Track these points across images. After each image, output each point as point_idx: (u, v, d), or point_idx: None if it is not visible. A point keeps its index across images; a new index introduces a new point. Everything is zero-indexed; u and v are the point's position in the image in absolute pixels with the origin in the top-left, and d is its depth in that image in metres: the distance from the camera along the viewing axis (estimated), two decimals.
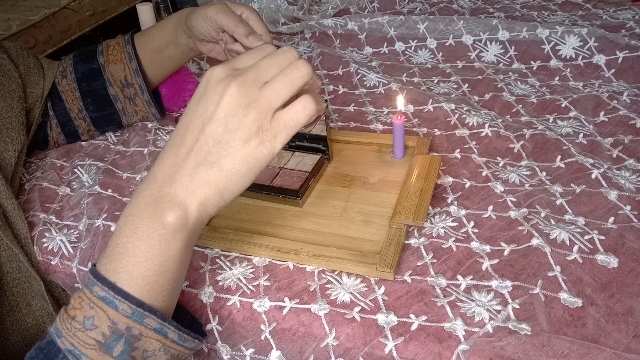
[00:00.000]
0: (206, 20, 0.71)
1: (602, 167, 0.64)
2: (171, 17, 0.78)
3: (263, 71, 0.43)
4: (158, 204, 0.42)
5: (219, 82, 0.43)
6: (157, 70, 0.82)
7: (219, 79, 0.43)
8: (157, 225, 0.42)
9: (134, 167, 0.77)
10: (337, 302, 0.52)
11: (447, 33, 0.98)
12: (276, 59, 0.44)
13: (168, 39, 0.78)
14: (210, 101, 0.43)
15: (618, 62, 0.84)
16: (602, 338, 0.46)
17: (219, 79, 0.43)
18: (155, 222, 0.42)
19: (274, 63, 0.44)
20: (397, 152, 0.71)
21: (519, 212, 0.59)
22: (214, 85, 0.43)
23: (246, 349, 0.52)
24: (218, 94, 0.42)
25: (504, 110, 0.80)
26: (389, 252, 0.55)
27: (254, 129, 0.42)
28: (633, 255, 0.53)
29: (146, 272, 0.42)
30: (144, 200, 0.43)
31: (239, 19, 0.69)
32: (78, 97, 0.80)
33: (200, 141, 0.43)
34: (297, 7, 1.19)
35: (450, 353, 0.46)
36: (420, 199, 0.60)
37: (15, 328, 0.60)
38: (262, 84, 0.43)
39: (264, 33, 0.70)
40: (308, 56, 1.03)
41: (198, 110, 0.43)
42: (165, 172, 0.43)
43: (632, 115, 0.73)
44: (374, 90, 0.89)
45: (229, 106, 0.42)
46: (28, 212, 0.71)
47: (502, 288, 0.51)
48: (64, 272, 0.64)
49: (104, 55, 0.79)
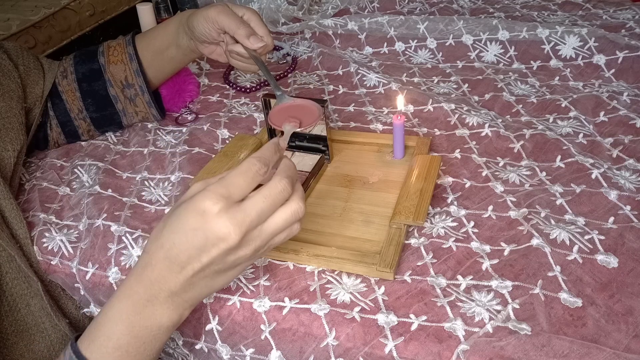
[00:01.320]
0: (207, 21, 0.71)
1: (602, 167, 0.64)
2: (173, 19, 0.79)
3: (263, 215, 0.44)
4: (153, 305, 0.46)
5: (217, 221, 0.42)
6: (158, 71, 0.82)
7: (215, 214, 0.42)
8: (154, 327, 0.46)
9: (134, 167, 0.77)
10: (337, 302, 0.52)
11: (447, 33, 0.98)
12: (273, 199, 0.44)
13: (169, 41, 0.78)
14: (210, 241, 0.43)
15: (618, 62, 0.84)
16: (602, 338, 0.45)
17: (216, 214, 0.42)
18: (154, 324, 0.46)
19: (272, 205, 0.44)
20: (397, 152, 0.71)
21: (519, 212, 0.59)
22: (212, 222, 0.42)
23: (246, 349, 0.52)
24: (218, 240, 0.43)
25: (504, 110, 0.80)
26: (389, 252, 0.55)
27: (255, 256, 0.46)
28: (633, 255, 0.53)
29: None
30: (140, 301, 0.45)
31: (240, 21, 0.70)
32: (78, 98, 0.80)
33: (206, 264, 0.44)
34: (297, 7, 1.19)
35: (450, 353, 0.46)
36: (420, 199, 0.60)
37: (14, 328, 0.60)
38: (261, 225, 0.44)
39: (265, 35, 0.70)
40: (308, 56, 1.03)
41: (196, 241, 0.43)
42: (162, 281, 0.45)
43: (632, 115, 0.73)
44: (374, 90, 0.89)
45: (231, 251, 0.44)
46: (28, 212, 0.71)
47: (502, 288, 0.51)
48: (63, 272, 0.64)
49: (104, 55, 0.79)
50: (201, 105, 0.92)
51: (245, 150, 0.73)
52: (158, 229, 0.45)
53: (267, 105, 0.70)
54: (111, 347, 0.45)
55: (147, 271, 0.45)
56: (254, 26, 0.71)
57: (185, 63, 0.85)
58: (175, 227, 0.43)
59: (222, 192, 0.42)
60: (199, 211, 0.42)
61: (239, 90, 0.95)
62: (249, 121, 0.85)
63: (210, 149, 0.79)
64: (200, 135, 0.82)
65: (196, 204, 0.42)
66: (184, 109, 0.89)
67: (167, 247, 0.44)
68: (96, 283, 0.62)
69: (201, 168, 0.71)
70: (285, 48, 1.05)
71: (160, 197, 0.71)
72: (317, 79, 0.95)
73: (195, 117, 0.88)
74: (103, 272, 0.62)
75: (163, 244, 0.44)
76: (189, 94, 0.91)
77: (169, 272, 0.44)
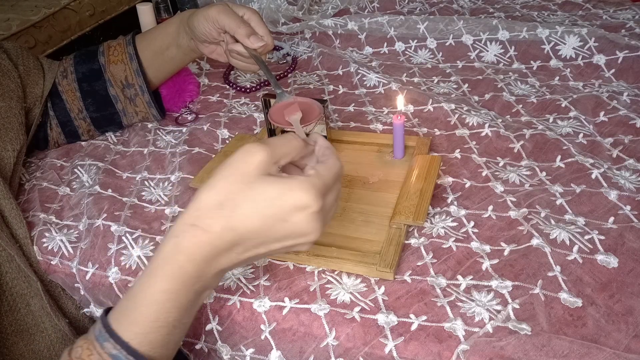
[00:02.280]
0: (208, 20, 0.71)
1: (602, 167, 0.64)
2: (173, 19, 0.79)
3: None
4: (202, 281, 0.43)
5: (310, 222, 0.41)
6: (159, 71, 0.82)
7: (313, 212, 0.41)
8: (196, 301, 0.44)
9: (134, 167, 0.77)
10: (337, 302, 0.52)
11: (447, 33, 0.98)
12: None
13: (170, 41, 0.78)
14: (292, 236, 0.42)
15: (618, 62, 0.84)
16: (602, 338, 0.45)
17: (313, 213, 0.41)
18: (197, 299, 0.44)
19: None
20: (397, 152, 0.71)
21: (519, 212, 0.59)
22: (305, 221, 0.41)
23: (246, 349, 0.52)
24: (300, 236, 0.42)
25: (504, 110, 0.80)
26: (389, 252, 0.55)
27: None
28: (633, 255, 0.52)
29: (173, 337, 0.44)
30: (190, 280, 0.42)
31: (240, 20, 0.70)
32: (78, 97, 0.80)
33: (262, 250, 0.43)
34: (297, 7, 1.19)
35: (450, 353, 0.46)
36: (420, 199, 0.60)
37: (14, 328, 0.60)
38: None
39: (265, 34, 0.70)
40: (308, 56, 1.03)
41: (280, 230, 0.42)
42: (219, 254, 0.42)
43: (632, 115, 0.73)
44: (374, 90, 0.89)
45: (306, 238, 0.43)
46: (28, 212, 0.71)
47: (502, 288, 0.51)
48: (64, 272, 0.64)
49: (105, 55, 0.79)
50: (201, 105, 0.92)
51: None
52: (221, 202, 0.41)
53: (267, 105, 0.70)
54: (159, 325, 0.42)
55: (204, 251, 0.41)
56: (254, 26, 0.71)
57: (186, 63, 0.85)
58: (260, 213, 0.40)
59: (322, 190, 0.41)
60: (300, 206, 0.40)
61: (239, 90, 0.95)
62: (249, 121, 0.85)
63: (210, 149, 0.79)
64: (200, 135, 0.82)
65: (300, 198, 0.40)
66: (184, 109, 0.89)
67: (241, 231, 0.41)
68: (96, 283, 0.62)
69: (201, 168, 0.71)
70: (285, 48, 1.05)
71: (160, 197, 0.71)
72: (317, 79, 0.95)
73: (195, 117, 0.88)
74: (103, 272, 0.62)
75: (235, 227, 0.41)
76: (188, 93, 0.91)
77: (229, 252, 0.42)
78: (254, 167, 0.41)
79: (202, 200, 0.41)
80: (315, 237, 0.42)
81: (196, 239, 0.41)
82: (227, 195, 0.41)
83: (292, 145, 0.44)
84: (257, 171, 0.41)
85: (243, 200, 0.40)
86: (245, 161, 0.41)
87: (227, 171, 0.41)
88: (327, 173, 0.43)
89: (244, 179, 0.41)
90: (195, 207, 0.41)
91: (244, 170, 0.41)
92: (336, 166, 0.44)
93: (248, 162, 0.41)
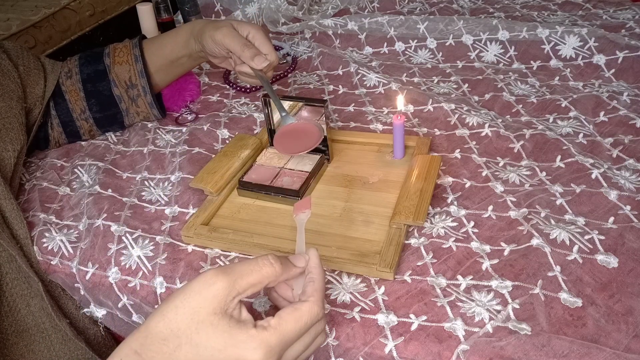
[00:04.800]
0: (215, 43, 0.73)
1: (602, 167, 0.64)
2: (183, 28, 0.80)
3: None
4: None
5: None
6: (167, 75, 0.84)
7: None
8: None
9: (134, 167, 0.77)
10: (337, 302, 0.52)
11: (447, 33, 0.98)
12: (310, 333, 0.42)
13: (180, 49, 0.80)
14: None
15: (618, 62, 0.84)
16: (602, 338, 0.45)
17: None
18: None
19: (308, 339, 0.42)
20: (397, 152, 0.71)
21: (519, 212, 0.59)
22: None
23: None
24: None
25: (504, 110, 0.80)
26: (389, 252, 0.55)
27: None
28: (633, 255, 0.52)
29: None
30: None
31: (244, 43, 0.72)
32: (82, 98, 0.80)
33: None
34: (297, 7, 1.19)
35: (450, 353, 0.46)
36: (420, 199, 0.60)
37: (14, 329, 0.60)
38: None
39: (269, 51, 0.72)
40: (308, 56, 1.03)
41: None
42: None
43: (632, 115, 0.73)
44: (374, 90, 0.89)
45: None
46: (28, 212, 0.71)
47: (502, 288, 0.51)
48: (64, 272, 0.64)
49: (110, 57, 0.80)
50: (201, 105, 0.92)
51: (246, 150, 0.73)
52: (165, 337, 0.39)
53: (267, 105, 0.70)
54: None
55: None
56: (258, 45, 0.72)
57: (194, 67, 0.86)
58: (200, 350, 0.39)
59: (277, 348, 0.39)
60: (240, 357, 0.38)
61: (239, 90, 0.95)
62: (249, 121, 0.85)
63: (210, 149, 0.79)
64: (200, 135, 0.82)
65: (243, 357, 0.38)
66: (184, 108, 0.89)
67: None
68: (96, 283, 0.62)
69: (201, 168, 0.71)
70: (285, 48, 1.05)
71: (160, 197, 0.71)
72: (317, 79, 0.95)
73: (195, 117, 0.88)
74: (103, 272, 0.62)
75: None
76: (189, 93, 0.91)
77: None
78: (206, 302, 0.39)
79: (151, 327, 0.40)
80: None
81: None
82: (173, 331, 0.39)
83: (262, 274, 0.41)
84: (210, 308, 0.39)
85: (186, 342, 0.39)
86: (199, 292, 0.39)
87: (179, 300, 0.39)
88: (292, 326, 0.40)
89: (194, 316, 0.39)
90: (144, 333, 0.40)
91: (196, 304, 0.39)
92: (310, 314, 0.40)
93: (202, 294, 0.39)
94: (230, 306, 0.39)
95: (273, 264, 0.41)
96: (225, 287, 0.39)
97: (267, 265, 0.41)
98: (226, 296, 0.39)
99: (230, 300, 0.39)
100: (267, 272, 0.41)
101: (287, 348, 0.40)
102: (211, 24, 0.75)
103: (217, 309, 0.39)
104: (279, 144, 0.66)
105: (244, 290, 0.40)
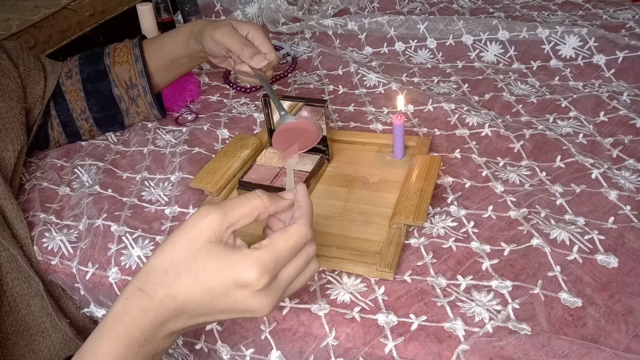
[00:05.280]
0: (215, 42, 0.73)
1: (602, 167, 0.64)
2: (183, 28, 0.80)
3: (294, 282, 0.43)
4: (151, 344, 0.42)
5: (255, 299, 0.40)
6: (167, 75, 0.84)
7: (257, 290, 0.40)
8: (149, 357, 0.43)
9: (134, 167, 0.77)
10: (337, 302, 0.52)
11: (447, 33, 0.98)
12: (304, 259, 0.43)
13: (180, 49, 0.80)
14: (237, 310, 0.41)
15: (618, 62, 0.84)
16: (602, 338, 0.46)
17: (258, 291, 0.40)
18: (148, 356, 0.43)
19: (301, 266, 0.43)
20: (397, 152, 0.71)
21: (519, 212, 0.59)
22: (250, 298, 0.40)
23: (246, 349, 0.52)
24: (246, 312, 0.41)
25: (504, 110, 0.80)
26: (389, 252, 0.55)
27: None
28: (633, 255, 0.53)
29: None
30: (137, 343, 0.41)
31: (243, 42, 0.72)
32: (82, 98, 0.80)
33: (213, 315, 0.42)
34: (297, 7, 1.19)
35: (450, 353, 0.46)
36: (420, 199, 0.60)
37: (14, 328, 0.60)
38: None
39: (269, 51, 0.72)
40: (308, 56, 1.03)
41: (222, 304, 0.41)
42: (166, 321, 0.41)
43: (632, 115, 0.73)
44: (374, 90, 0.89)
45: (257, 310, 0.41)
46: (28, 212, 0.71)
47: (502, 288, 0.51)
48: (64, 272, 0.64)
49: (110, 57, 0.80)
50: (201, 105, 0.92)
51: (246, 150, 0.73)
52: (166, 269, 0.40)
53: (267, 105, 0.70)
54: None
55: (148, 316, 0.41)
56: (257, 44, 0.72)
57: (194, 67, 0.86)
58: (200, 286, 0.40)
59: (271, 265, 0.40)
60: (240, 283, 0.39)
61: (239, 90, 0.95)
62: (249, 121, 0.85)
63: (210, 149, 0.79)
64: (200, 135, 0.82)
65: (239, 275, 0.39)
66: (184, 108, 0.89)
67: (182, 300, 0.40)
68: (96, 283, 0.62)
69: (201, 168, 0.71)
70: (285, 48, 1.05)
71: (160, 197, 0.71)
72: (317, 79, 0.95)
73: (195, 117, 0.88)
74: (103, 272, 0.62)
75: (177, 296, 0.40)
76: (189, 93, 0.91)
77: (176, 319, 0.41)
78: (202, 232, 0.40)
79: (152, 263, 0.41)
80: (263, 314, 0.41)
81: (141, 303, 0.41)
82: (172, 262, 0.40)
83: (252, 206, 0.42)
84: (205, 237, 0.40)
85: (185, 271, 0.40)
86: (194, 225, 0.41)
87: (176, 235, 0.41)
88: (283, 245, 0.41)
89: (191, 245, 0.40)
90: (146, 270, 0.41)
91: (192, 236, 0.40)
92: (299, 234, 0.42)
93: (196, 226, 0.41)
94: (224, 235, 0.41)
95: (261, 196, 0.43)
96: (218, 217, 0.41)
97: (255, 197, 0.43)
98: (219, 226, 0.41)
99: (225, 230, 0.41)
100: (256, 203, 0.43)
101: (281, 268, 0.41)
102: (211, 23, 0.75)
103: (212, 237, 0.40)
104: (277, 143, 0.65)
105: (236, 221, 0.42)
